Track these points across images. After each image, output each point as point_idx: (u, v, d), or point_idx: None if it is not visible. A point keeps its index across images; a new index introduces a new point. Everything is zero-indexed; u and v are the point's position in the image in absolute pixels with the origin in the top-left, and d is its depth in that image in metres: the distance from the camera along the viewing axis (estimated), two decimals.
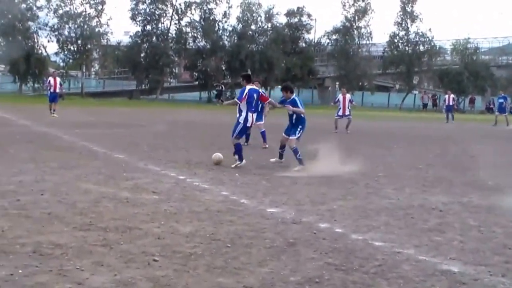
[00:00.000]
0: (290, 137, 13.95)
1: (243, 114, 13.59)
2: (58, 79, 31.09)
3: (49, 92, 30.25)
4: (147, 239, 6.82)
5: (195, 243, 6.74)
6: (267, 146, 18.01)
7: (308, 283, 5.56)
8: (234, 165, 13.30)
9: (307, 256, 6.44)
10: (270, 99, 15.32)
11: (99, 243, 6.53)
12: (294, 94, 14.44)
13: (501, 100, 39.66)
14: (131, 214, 8.05)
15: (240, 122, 13.58)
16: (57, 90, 30.21)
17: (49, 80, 30.89)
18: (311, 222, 8.08)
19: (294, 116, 14.02)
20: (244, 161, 13.45)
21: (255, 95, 13.79)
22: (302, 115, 14.04)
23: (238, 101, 13.67)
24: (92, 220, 7.55)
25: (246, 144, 17.94)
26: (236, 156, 13.54)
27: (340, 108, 27.32)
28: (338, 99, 27.88)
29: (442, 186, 11.87)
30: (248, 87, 13.71)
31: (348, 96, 28.01)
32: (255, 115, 14.10)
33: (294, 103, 13.95)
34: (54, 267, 5.63)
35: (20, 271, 5.47)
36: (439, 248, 7.01)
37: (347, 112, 27.14)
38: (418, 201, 10.02)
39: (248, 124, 13.73)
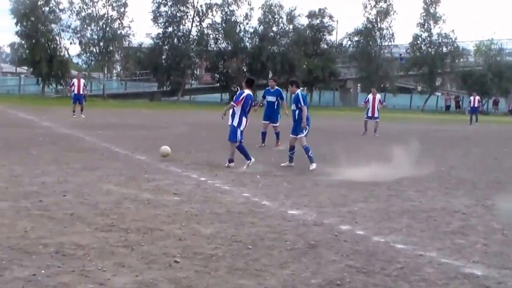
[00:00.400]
0: (299, 136, 13.94)
1: (236, 118, 13.53)
2: (82, 81, 31.39)
3: (72, 93, 30.56)
4: (169, 240, 6.85)
5: (216, 244, 6.75)
6: (280, 145, 18.21)
7: (329, 285, 5.55)
8: (245, 166, 13.26)
9: (328, 258, 6.43)
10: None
11: (121, 244, 6.57)
12: (299, 90, 14.42)
13: None
14: (152, 215, 8.09)
15: (234, 126, 13.54)
16: (81, 92, 30.49)
17: (73, 82, 31.34)
18: (332, 224, 8.07)
19: (297, 112, 13.97)
20: (252, 159, 13.44)
21: (250, 101, 13.77)
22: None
23: (233, 104, 13.63)
24: (114, 221, 7.60)
25: (263, 144, 18.05)
26: (232, 164, 13.53)
27: (368, 109, 27.18)
28: (368, 99, 27.72)
29: (465, 189, 11.79)
30: (246, 92, 13.67)
31: (378, 96, 27.88)
32: (247, 119, 13.91)
33: (296, 98, 14.06)
34: (76, 267, 5.67)
35: (42, 271, 5.52)
36: (462, 251, 6.96)
37: (376, 114, 26.94)
38: (440, 204, 9.96)
39: (242, 128, 13.65)
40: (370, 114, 27.14)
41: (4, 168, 11.80)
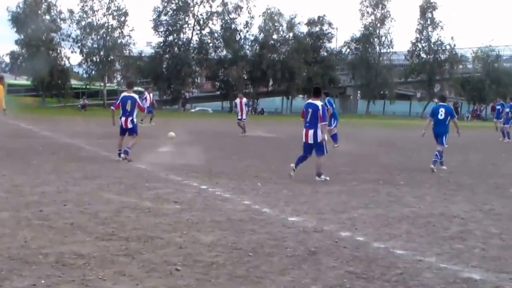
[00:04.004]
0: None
1: (319, 132, 13.16)
2: (151, 94, 34.54)
3: (146, 106, 31.20)
4: (169, 248, 6.85)
5: (217, 252, 6.75)
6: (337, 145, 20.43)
7: None
8: (323, 178, 13.09)
9: (328, 264, 6.43)
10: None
11: (121, 253, 6.56)
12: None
13: (498, 107, 38.72)
14: (153, 223, 8.09)
15: (322, 141, 13.27)
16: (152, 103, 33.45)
17: (145, 96, 33.32)
18: (332, 230, 8.07)
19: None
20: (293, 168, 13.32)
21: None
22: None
23: (326, 123, 13.52)
24: (114, 230, 7.59)
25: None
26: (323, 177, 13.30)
27: (238, 112, 29.53)
28: (236, 104, 31.22)
29: (463, 194, 11.80)
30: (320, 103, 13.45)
31: (244, 100, 29.83)
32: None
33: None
34: (77, 277, 5.67)
35: (42, 281, 5.51)
36: (460, 256, 6.97)
37: (244, 116, 28.76)
38: (439, 209, 9.96)
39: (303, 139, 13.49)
40: (239, 117, 28.90)
41: (4, 178, 11.81)
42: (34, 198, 9.69)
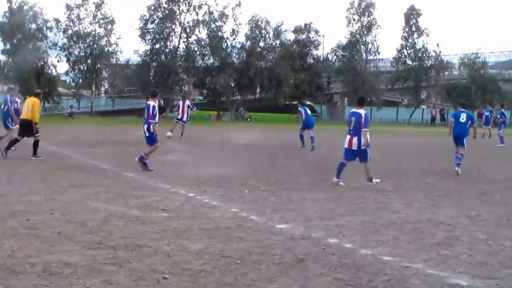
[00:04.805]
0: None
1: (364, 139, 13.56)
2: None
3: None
4: (157, 257, 6.84)
5: (205, 260, 6.75)
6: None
7: None
8: (375, 182, 13.68)
9: (316, 272, 6.44)
10: None
11: (109, 262, 6.54)
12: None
13: (487, 113, 38.86)
14: (140, 232, 8.07)
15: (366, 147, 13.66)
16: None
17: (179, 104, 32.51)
18: (320, 237, 8.09)
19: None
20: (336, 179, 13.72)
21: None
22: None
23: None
24: (102, 239, 7.57)
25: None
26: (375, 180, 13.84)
27: (179, 114, 28.85)
28: (179, 105, 29.49)
29: (450, 200, 11.85)
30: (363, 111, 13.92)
31: (187, 102, 29.15)
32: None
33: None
34: (64, 286, 5.65)
35: None
36: (447, 262, 7.00)
37: (184, 118, 28.46)
38: (426, 215, 10.01)
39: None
40: (179, 117, 28.54)
41: None
42: (20, 207, 9.63)
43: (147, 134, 15.70)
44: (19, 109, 18.82)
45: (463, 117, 16.96)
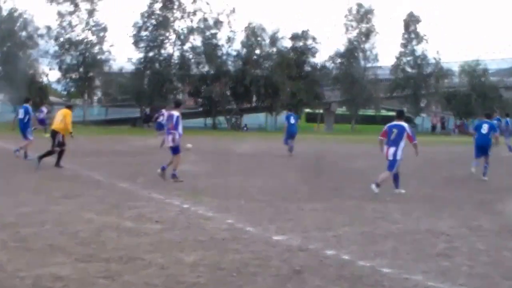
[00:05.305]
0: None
1: (400, 151, 14.10)
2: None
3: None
4: (151, 269, 6.83)
5: (200, 272, 6.75)
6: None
7: None
8: (398, 191, 14.21)
9: (313, 284, 6.44)
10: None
11: (101, 275, 6.53)
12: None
13: (494, 122, 38.72)
14: (134, 244, 8.07)
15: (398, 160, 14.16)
16: None
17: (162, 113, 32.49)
18: (318, 249, 8.09)
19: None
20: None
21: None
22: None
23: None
24: (94, 251, 7.56)
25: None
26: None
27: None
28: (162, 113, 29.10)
29: (450, 210, 11.87)
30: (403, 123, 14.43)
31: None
32: None
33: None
34: None
35: None
36: (447, 273, 7.01)
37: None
38: (426, 226, 10.02)
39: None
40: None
41: None
42: (11, 220, 9.60)
43: (171, 145, 15.77)
44: (45, 119, 19.46)
45: (484, 128, 17.79)
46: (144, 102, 65.11)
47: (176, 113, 15.83)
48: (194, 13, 65.85)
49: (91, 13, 63.20)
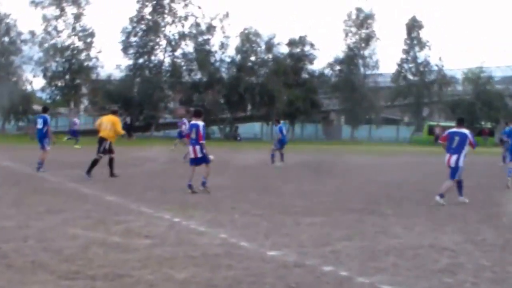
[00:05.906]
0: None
1: (462, 157, 14.90)
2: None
3: None
4: (139, 287, 6.81)
5: None
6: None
7: None
8: (462, 199, 15.00)
9: None
10: None
11: None
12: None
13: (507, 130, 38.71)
14: (121, 260, 8.04)
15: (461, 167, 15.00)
16: None
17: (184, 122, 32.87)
18: (315, 265, 8.08)
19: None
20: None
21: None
22: None
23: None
24: (80, 268, 7.52)
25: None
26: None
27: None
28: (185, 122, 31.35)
29: (454, 224, 11.85)
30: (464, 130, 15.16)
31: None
32: None
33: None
34: None
35: None
36: None
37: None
38: (428, 241, 10.01)
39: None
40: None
41: None
42: None
43: (199, 156, 16.21)
44: (78, 131, 20.16)
45: None
46: (133, 111, 65.05)
47: (200, 122, 16.25)
48: (186, 17, 66.13)
49: (77, 17, 63.33)
